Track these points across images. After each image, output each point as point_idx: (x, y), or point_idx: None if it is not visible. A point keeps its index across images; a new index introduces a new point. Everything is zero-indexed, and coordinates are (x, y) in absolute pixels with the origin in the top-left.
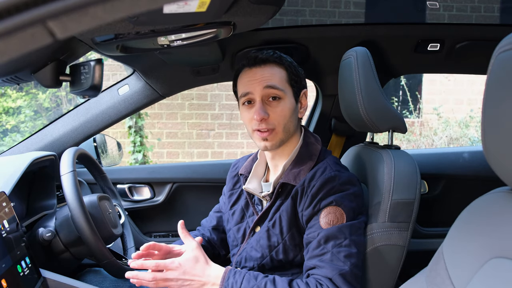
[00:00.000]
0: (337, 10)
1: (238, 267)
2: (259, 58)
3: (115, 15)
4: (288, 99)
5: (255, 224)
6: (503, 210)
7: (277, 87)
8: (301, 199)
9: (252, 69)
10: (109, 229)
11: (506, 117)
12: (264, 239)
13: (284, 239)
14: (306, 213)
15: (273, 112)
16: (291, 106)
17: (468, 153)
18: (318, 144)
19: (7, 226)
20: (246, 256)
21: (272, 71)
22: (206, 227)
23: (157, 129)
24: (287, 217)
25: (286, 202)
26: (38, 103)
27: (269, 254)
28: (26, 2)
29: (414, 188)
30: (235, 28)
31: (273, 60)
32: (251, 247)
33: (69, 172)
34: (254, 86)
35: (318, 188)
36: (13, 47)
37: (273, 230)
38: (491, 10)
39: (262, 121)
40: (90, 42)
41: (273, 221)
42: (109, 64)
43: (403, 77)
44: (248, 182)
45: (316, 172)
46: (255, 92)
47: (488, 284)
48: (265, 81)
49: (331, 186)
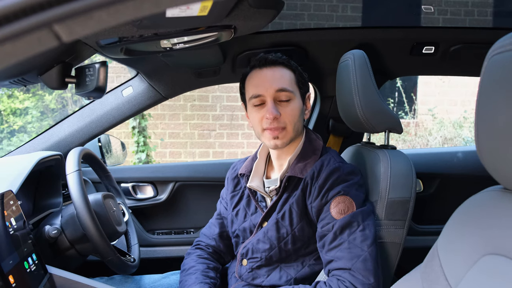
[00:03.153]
0: (334, 14)
1: (244, 258)
2: (269, 59)
3: (119, 18)
4: (297, 100)
5: (262, 219)
6: (496, 208)
7: (288, 89)
8: (310, 191)
9: (263, 69)
10: (113, 226)
11: (498, 118)
12: (273, 231)
13: (293, 230)
14: (315, 204)
15: (284, 111)
16: (299, 106)
17: (462, 153)
18: (320, 140)
19: (15, 223)
20: (252, 249)
21: (281, 73)
22: (209, 236)
23: (160, 130)
24: (297, 209)
25: (296, 195)
26: (45, 104)
27: (277, 245)
28: (33, 6)
29: (410, 187)
30: (236, 32)
31: (282, 62)
32: (257, 240)
33: (75, 171)
34: (266, 87)
35: (324, 179)
36: (21, 50)
37: (282, 222)
38: (484, 14)
39: (274, 119)
40: (95, 45)
41: (282, 212)
42: (113, 67)
43: (399, 79)
44: (250, 181)
45: (323, 163)
46: (267, 94)
47: (481, 280)
48: (277, 84)
49: (336, 176)
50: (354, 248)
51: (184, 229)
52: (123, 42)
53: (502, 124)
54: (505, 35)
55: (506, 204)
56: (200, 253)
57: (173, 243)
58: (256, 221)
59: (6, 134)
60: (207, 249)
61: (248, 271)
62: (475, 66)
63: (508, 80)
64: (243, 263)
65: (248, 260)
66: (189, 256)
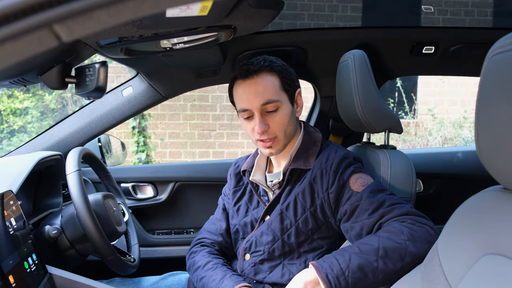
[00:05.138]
0: (334, 14)
1: (247, 253)
2: (251, 69)
3: (119, 18)
4: (284, 106)
5: (264, 213)
6: (495, 208)
7: (273, 100)
8: (322, 180)
9: (246, 81)
10: (113, 226)
11: (498, 118)
12: (277, 222)
13: (297, 221)
14: (332, 189)
15: (272, 122)
16: (288, 112)
17: (462, 153)
18: (318, 132)
19: (15, 223)
20: (256, 241)
21: (265, 83)
22: (215, 233)
23: (160, 130)
24: (303, 200)
25: (300, 186)
26: (45, 104)
27: (280, 237)
28: (33, 6)
29: (410, 186)
30: (236, 32)
31: (264, 69)
32: (261, 233)
33: (75, 171)
34: (251, 102)
35: (338, 164)
36: (21, 50)
37: (286, 213)
38: (484, 14)
39: (263, 133)
40: (95, 45)
41: (286, 203)
42: (113, 67)
43: (399, 79)
44: (253, 175)
45: (329, 153)
46: (253, 108)
47: (481, 280)
48: (261, 98)
49: (347, 161)
50: (397, 201)
51: (184, 229)
52: (123, 42)
53: (502, 124)
54: (505, 35)
55: (506, 204)
56: (209, 250)
57: (173, 243)
58: (258, 215)
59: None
60: (213, 247)
61: (250, 265)
62: (475, 66)
63: (508, 80)
64: (245, 258)
65: (251, 254)
66: (197, 254)
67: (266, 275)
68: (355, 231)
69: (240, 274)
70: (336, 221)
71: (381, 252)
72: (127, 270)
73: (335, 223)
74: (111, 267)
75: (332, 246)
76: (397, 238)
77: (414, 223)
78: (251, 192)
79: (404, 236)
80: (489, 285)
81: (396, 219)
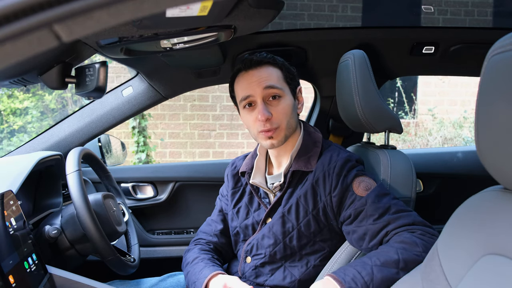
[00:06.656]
0: (334, 14)
1: (249, 256)
2: (254, 60)
3: (119, 18)
4: (287, 96)
5: (266, 215)
6: (495, 208)
7: (276, 86)
8: (325, 183)
9: (249, 71)
10: (113, 226)
11: (498, 118)
12: (278, 225)
13: (299, 225)
14: (335, 193)
15: (275, 111)
16: (290, 103)
17: (462, 153)
18: (318, 132)
19: (15, 223)
20: (257, 244)
21: (268, 72)
22: (210, 233)
23: (160, 130)
24: (305, 202)
25: (302, 189)
26: (45, 104)
27: (282, 240)
28: (33, 6)
29: (410, 186)
30: (236, 32)
31: (267, 61)
32: (262, 235)
33: (75, 171)
34: (253, 88)
35: (341, 167)
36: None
37: (288, 216)
38: (484, 14)
39: (266, 121)
40: (95, 45)
41: (288, 206)
42: (113, 67)
43: (399, 79)
44: (252, 178)
45: (331, 155)
46: (256, 94)
47: (481, 280)
48: (264, 82)
49: (350, 163)
50: (402, 207)
51: (184, 229)
52: (123, 42)
53: (502, 124)
54: (505, 35)
55: (506, 204)
56: (201, 247)
57: (173, 243)
58: (260, 218)
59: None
60: (207, 245)
61: (251, 268)
62: (475, 66)
63: (508, 80)
64: (247, 261)
65: (252, 257)
66: (189, 251)
67: (267, 277)
68: (357, 234)
69: (241, 276)
70: (338, 224)
71: (401, 264)
72: (127, 270)
73: (336, 225)
74: (111, 267)
75: (334, 248)
76: (414, 250)
77: (424, 234)
78: (251, 193)
79: (419, 248)
80: (489, 285)
81: (404, 228)
